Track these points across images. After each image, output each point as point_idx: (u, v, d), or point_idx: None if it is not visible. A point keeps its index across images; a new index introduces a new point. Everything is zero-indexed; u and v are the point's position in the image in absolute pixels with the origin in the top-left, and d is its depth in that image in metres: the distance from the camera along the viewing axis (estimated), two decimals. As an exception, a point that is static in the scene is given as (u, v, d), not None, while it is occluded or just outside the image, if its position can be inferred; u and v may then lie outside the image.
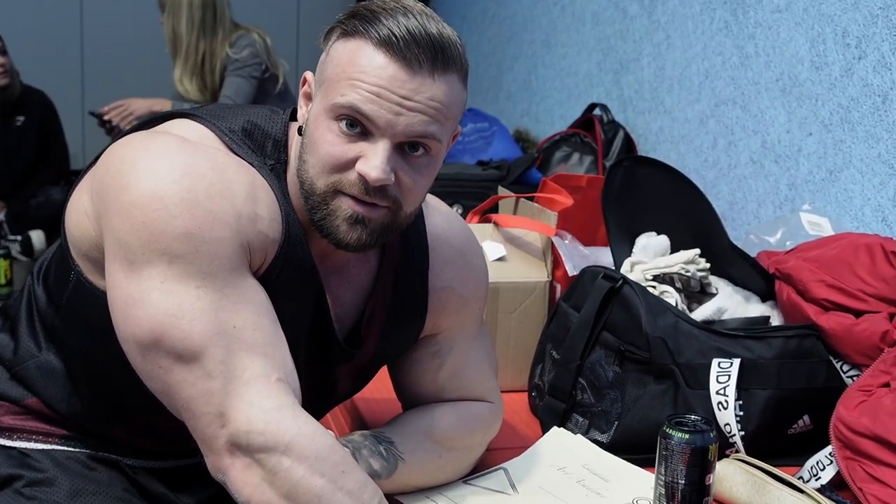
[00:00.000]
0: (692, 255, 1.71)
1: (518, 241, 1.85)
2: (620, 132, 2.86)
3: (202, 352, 1.07)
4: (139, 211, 1.07)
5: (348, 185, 1.12)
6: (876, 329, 1.50)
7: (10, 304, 1.36)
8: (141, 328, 1.08)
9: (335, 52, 1.14)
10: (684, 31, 2.63)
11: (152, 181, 1.08)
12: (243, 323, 1.09)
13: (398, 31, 1.09)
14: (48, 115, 4.59)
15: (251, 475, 1.08)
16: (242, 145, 1.17)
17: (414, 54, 1.09)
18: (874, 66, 1.91)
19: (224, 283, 1.09)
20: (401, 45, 1.09)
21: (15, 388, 1.29)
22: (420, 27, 1.10)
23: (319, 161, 1.13)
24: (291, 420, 1.08)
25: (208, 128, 1.18)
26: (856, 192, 1.97)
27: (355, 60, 1.11)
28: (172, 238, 1.06)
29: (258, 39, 3.63)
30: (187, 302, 1.07)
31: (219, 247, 1.08)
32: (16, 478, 1.25)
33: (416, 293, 1.33)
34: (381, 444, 1.27)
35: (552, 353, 1.64)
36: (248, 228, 1.11)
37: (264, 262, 1.15)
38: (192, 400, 1.08)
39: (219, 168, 1.11)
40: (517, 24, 3.89)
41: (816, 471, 1.41)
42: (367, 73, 1.10)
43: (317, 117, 1.14)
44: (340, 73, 1.12)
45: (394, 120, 1.10)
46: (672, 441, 1.23)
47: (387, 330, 1.32)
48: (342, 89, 1.11)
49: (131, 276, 1.08)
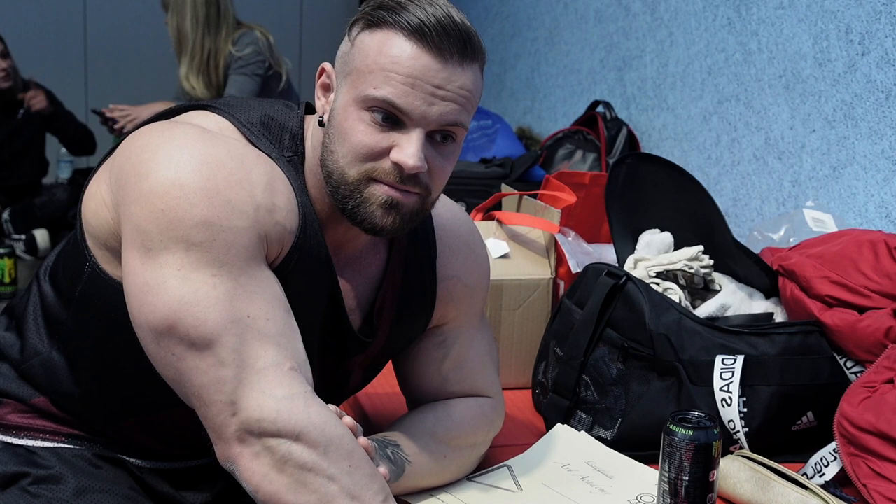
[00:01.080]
0: (696, 252, 1.71)
1: (521, 238, 1.85)
2: (623, 129, 2.86)
3: (216, 340, 1.08)
4: (158, 198, 1.07)
5: (383, 173, 1.14)
6: (880, 325, 1.50)
7: (15, 304, 1.36)
8: (156, 314, 1.08)
9: (362, 43, 1.14)
10: (687, 28, 2.63)
11: (172, 169, 1.08)
12: (257, 312, 1.10)
13: (428, 20, 1.11)
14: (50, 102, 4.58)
15: (260, 464, 1.08)
16: (261, 137, 1.18)
17: (445, 44, 1.11)
18: (877, 62, 1.91)
19: (240, 273, 1.09)
20: (433, 34, 1.11)
21: (23, 386, 1.29)
22: (447, 17, 1.12)
23: (352, 150, 1.14)
24: (303, 408, 1.09)
25: (227, 119, 1.19)
26: (859, 189, 1.97)
27: (386, 51, 1.12)
28: (191, 226, 1.07)
29: (261, 37, 3.63)
30: (203, 290, 1.08)
31: (236, 236, 1.09)
32: (22, 475, 1.26)
33: (424, 282, 1.34)
34: (388, 448, 1.27)
35: (556, 351, 1.64)
36: (265, 219, 1.12)
37: (281, 253, 1.15)
38: (203, 387, 1.09)
39: (238, 158, 1.12)
40: (520, 21, 3.89)
41: (820, 467, 1.41)
42: (399, 63, 1.11)
43: (345, 108, 1.15)
44: (371, 63, 1.12)
45: (427, 111, 1.12)
46: (676, 438, 1.24)
47: (397, 319, 1.33)
48: (374, 81, 1.12)
49: (148, 262, 1.09)
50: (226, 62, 3.62)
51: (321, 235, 1.19)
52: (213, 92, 3.63)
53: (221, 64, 3.62)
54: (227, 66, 3.62)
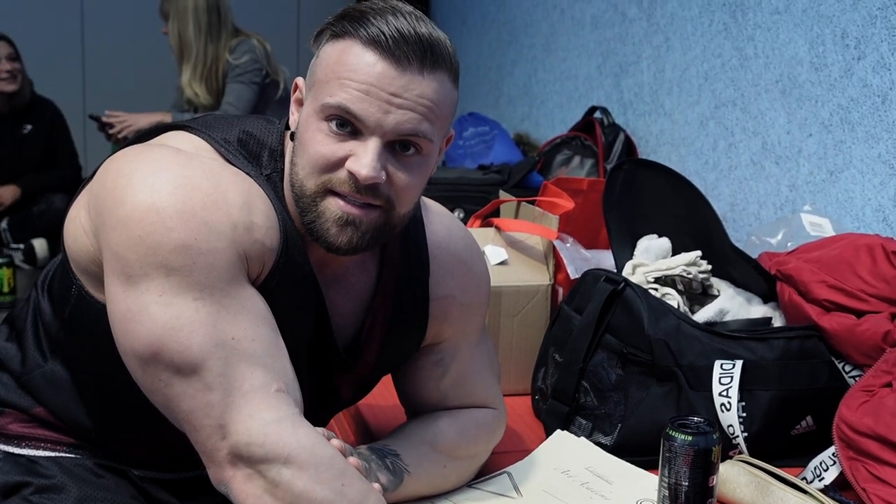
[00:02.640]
0: (693, 258, 1.72)
1: (520, 244, 1.86)
2: (621, 135, 2.86)
3: (201, 364, 1.07)
4: (135, 224, 1.07)
5: (339, 183, 1.12)
6: (877, 329, 1.51)
7: (16, 315, 1.36)
8: (140, 342, 1.08)
9: (324, 54, 1.14)
10: (683, 34, 2.63)
11: (148, 194, 1.07)
12: (242, 334, 1.09)
13: (387, 29, 1.09)
14: (57, 124, 4.60)
15: (253, 487, 1.08)
16: (238, 155, 1.17)
17: (403, 52, 1.09)
18: (873, 67, 1.92)
19: (222, 294, 1.08)
20: (389, 42, 1.09)
21: (23, 397, 1.29)
22: (409, 26, 1.10)
23: (309, 161, 1.13)
24: (291, 432, 1.08)
25: (203, 139, 1.18)
26: (856, 193, 1.98)
27: (344, 60, 1.11)
28: (169, 251, 1.06)
29: (258, 45, 3.64)
30: (185, 314, 1.07)
31: (215, 258, 1.08)
32: (24, 485, 1.25)
33: (416, 302, 1.33)
34: (387, 458, 1.27)
35: (555, 357, 1.64)
36: (244, 238, 1.11)
37: (262, 271, 1.14)
38: (192, 412, 1.08)
39: (214, 178, 1.11)
40: (517, 28, 3.90)
41: (820, 471, 1.41)
42: (355, 71, 1.10)
43: (307, 119, 1.14)
44: (329, 73, 1.12)
45: (383, 118, 1.10)
46: (675, 443, 1.24)
47: (387, 339, 1.32)
48: (331, 89, 1.11)
49: (129, 289, 1.08)
50: (224, 70, 3.63)
51: (304, 252, 1.18)
52: (214, 98, 3.63)
53: (220, 70, 3.62)
54: (224, 73, 3.63)
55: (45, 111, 4.54)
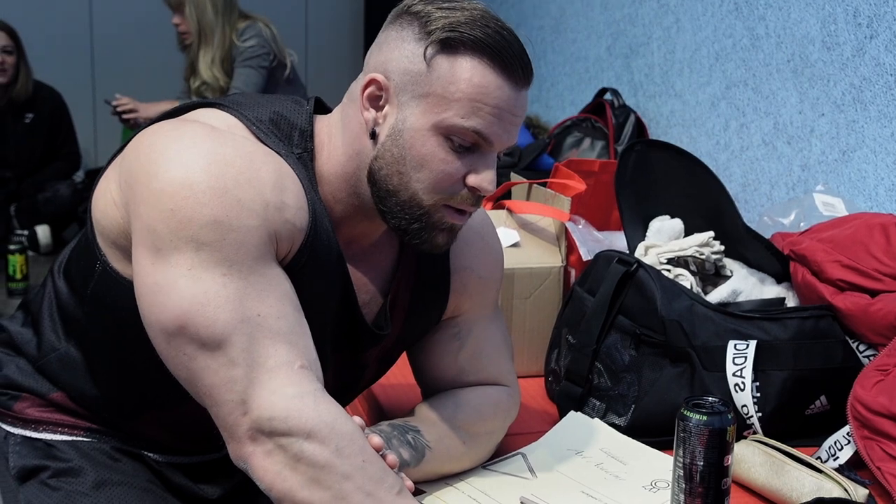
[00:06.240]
0: (706, 238, 1.71)
1: (532, 226, 1.86)
2: (631, 116, 2.85)
3: (226, 339, 1.08)
4: (168, 198, 1.07)
5: (460, 200, 1.17)
6: (892, 308, 1.50)
7: (31, 300, 1.37)
8: (166, 315, 1.08)
9: (440, 68, 1.13)
10: (694, 14, 2.62)
11: (181, 169, 1.08)
12: (268, 311, 1.10)
13: (509, 50, 1.13)
14: (58, 112, 4.61)
15: (273, 462, 1.08)
16: (270, 134, 1.18)
17: (521, 73, 1.15)
18: (886, 45, 1.91)
19: (250, 272, 1.09)
20: (517, 65, 1.14)
21: (40, 381, 1.30)
22: (515, 39, 1.15)
23: (432, 179, 1.15)
24: (313, 407, 1.09)
25: (236, 116, 1.18)
26: (869, 172, 1.97)
27: (474, 80, 1.13)
28: (200, 225, 1.07)
29: (264, 28, 3.65)
30: (213, 289, 1.08)
31: (246, 235, 1.09)
32: (42, 469, 1.27)
33: (438, 274, 1.34)
34: (409, 433, 1.28)
35: (568, 338, 1.65)
36: (275, 217, 1.11)
37: (291, 251, 1.15)
38: (215, 387, 1.09)
39: (247, 156, 1.12)
40: (526, 9, 3.88)
41: (834, 451, 1.41)
42: (487, 94, 1.13)
43: (422, 132, 1.14)
44: (457, 91, 1.12)
45: (507, 138, 1.17)
46: (690, 423, 1.24)
47: (411, 311, 1.33)
48: (462, 111, 1.13)
49: (158, 263, 1.09)
50: (233, 53, 3.64)
51: (332, 231, 1.19)
52: (229, 81, 3.66)
53: (231, 54, 3.65)
54: (233, 57, 3.64)
55: (46, 99, 4.55)
